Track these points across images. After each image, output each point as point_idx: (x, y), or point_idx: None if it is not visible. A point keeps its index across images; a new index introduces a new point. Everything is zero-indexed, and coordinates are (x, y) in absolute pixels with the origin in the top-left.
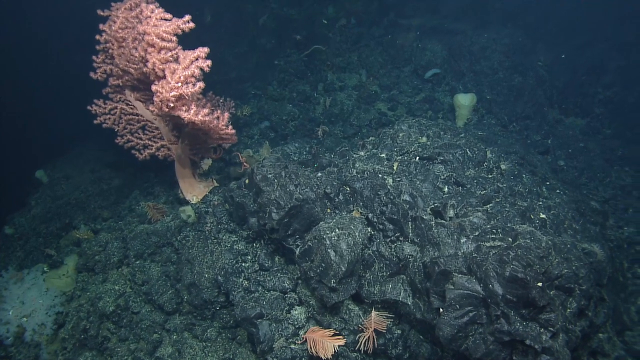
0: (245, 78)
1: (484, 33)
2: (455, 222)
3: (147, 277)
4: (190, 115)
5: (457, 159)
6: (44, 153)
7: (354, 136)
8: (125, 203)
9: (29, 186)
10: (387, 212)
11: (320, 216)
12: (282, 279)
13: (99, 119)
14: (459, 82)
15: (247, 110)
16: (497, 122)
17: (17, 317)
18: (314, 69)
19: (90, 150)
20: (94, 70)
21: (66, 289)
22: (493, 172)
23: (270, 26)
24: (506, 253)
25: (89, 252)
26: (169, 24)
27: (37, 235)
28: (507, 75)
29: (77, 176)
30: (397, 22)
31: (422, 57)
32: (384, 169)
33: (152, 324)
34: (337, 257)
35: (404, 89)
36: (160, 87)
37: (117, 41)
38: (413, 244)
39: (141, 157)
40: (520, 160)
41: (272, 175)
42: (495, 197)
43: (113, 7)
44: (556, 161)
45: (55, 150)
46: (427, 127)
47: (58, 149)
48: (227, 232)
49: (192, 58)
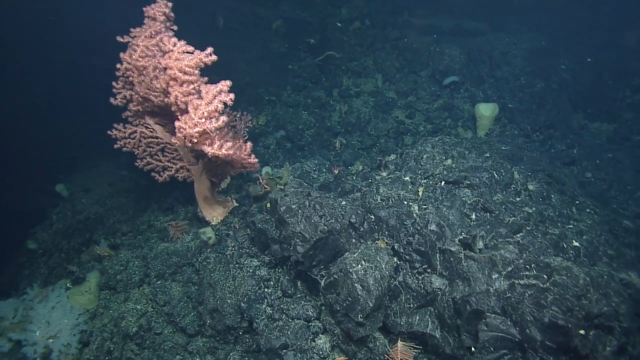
0: (259, 83)
1: (503, 35)
2: (486, 256)
3: (169, 298)
4: (214, 149)
5: (483, 183)
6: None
7: (372, 147)
8: (144, 217)
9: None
10: (414, 243)
11: (345, 247)
12: (306, 306)
13: (119, 143)
14: (478, 88)
15: (263, 119)
16: (520, 132)
17: (43, 338)
18: (329, 74)
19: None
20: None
21: (89, 306)
22: (521, 195)
23: (283, 30)
24: (543, 296)
25: (110, 271)
26: (191, 58)
27: (60, 251)
28: (529, 80)
29: (96, 189)
30: (412, 23)
31: (440, 62)
32: (409, 195)
33: (175, 346)
34: (364, 292)
35: (421, 95)
36: (183, 123)
37: (137, 69)
38: (441, 277)
39: (161, 179)
40: (547, 179)
41: (296, 205)
42: (525, 225)
43: (132, 33)
44: (583, 173)
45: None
46: (451, 147)
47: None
48: (248, 256)
49: (215, 92)
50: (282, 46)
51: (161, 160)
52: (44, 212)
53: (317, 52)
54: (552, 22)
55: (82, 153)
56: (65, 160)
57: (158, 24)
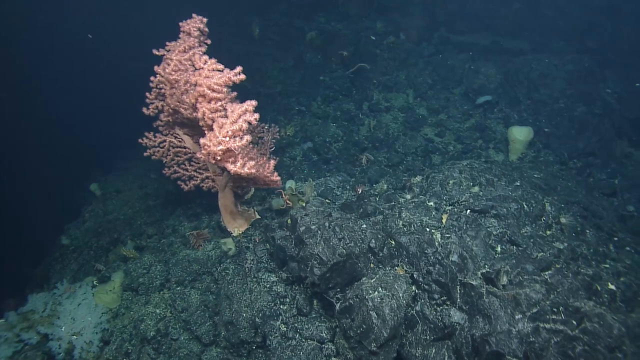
0: (290, 93)
1: (543, 55)
2: (509, 294)
3: (187, 305)
4: (237, 168)
5: (512, 214)
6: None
7: (399, 165)
8: (169, 220)
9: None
10: (434, 272)
11: (363, 271)
12: (320, 327)
13: (148, 151)
14: (513, 109)
15: (291, 130)
16: (556, 158)
17: (68, 334)
18: (360, 87)
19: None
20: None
21: (112, 306)
22: (552, 228)
23: (317, 41)
24: (571, 345)
25: (133, 273)
26: (220, 76)
27: (89, 249)
28: (569, 104)
29: (127, 191)
30: (448, 39)
31: (475, 80)
32: (432, 222)
33: (190, 354)
34: (380, 320)
35: (453, 113)
36: (207, 141)
37: (169, 83)
38: (461, 310)
39: (186, 188)
40: (583, 212)
41: (316, 226)
42: (555, 262)
43: (167, 47)
44: (624, 206)
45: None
46: (479, 173)
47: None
48: (266, 271)
49: (240, 112)
50: (315, 57)
51: (188, 170)
52: (79, 209)
53: (350, 65)
54: (600, 43)
55: (121, 153)
56: (105, 159)
57: (192, 39)
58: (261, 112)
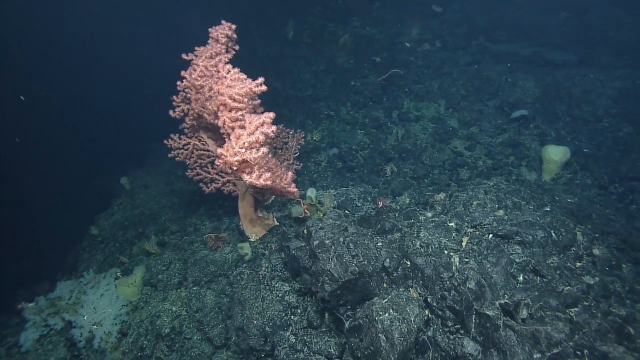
0: (320, 97)
1: (589, 69)
2: (528, 330)
3: (202, 305)
4: (252, 179)
5: (538, 242)
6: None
7: (424, 178)
8: (192, 218)
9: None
10: (449, 299)
11: (375, 291)
12: (329, 342)
13: (173, 152)
14: (551, 126)
15: (317, 135)
16: (594, 182)
17: (89, 323)
18: (391, 94)
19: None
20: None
21: (132, 299)
22: (583, 260)
23: (350, 46)
24: None
25: (154, 269)
26: (241, 86)
27: (115, 241)
28: (614, 123)
29: (154, 187)
30: (487, 48)
31: (511, 93)
32: (451, 244)
33: (201, 354)
34: (388, 344)
35: (485, 127)
36: (225, 151)
37: (195, 88)
38: (475, 341)
39: (208, 190)
40: (620, 244)
41: (330, 241)
42: (582, 298)
43: (196, 52)
44: None
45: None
46: (506, 195)
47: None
48: (280, 279)
49: (258, 124)
50: (347, 62)
51: (210, 172)
52: (109, 200)
53: (382, 71)
54: None
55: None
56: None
57: (219, 46)
58: (290, 114)
